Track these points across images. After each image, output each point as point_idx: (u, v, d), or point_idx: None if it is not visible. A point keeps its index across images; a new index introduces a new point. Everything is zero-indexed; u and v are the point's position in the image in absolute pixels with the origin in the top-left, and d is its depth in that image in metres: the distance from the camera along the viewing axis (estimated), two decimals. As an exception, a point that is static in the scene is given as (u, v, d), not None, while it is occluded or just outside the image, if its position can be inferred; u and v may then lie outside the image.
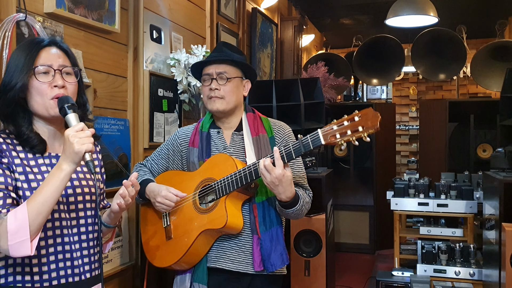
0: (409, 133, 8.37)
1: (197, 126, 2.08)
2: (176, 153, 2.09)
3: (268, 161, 1.73)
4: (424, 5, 4.58)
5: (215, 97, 1.97)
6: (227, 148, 2.00)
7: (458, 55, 5.49)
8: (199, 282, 1.92)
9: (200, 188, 1.94)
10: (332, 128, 1.66)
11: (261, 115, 2.09)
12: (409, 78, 8.41)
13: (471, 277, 3.50)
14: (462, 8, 6.10)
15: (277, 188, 1.77)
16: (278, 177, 1.73)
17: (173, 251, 1.95)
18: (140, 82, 2.62)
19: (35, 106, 1.45)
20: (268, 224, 1.91)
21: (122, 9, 2.47)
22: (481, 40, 7.04)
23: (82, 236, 1.52)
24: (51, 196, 1.34)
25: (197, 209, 1.92)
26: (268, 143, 1.98)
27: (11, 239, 1.29)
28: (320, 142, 1.67)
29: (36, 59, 1.43)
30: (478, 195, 3.83)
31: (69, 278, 1.46)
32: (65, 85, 1.46)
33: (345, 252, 5.59)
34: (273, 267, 1.89)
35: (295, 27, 5.41)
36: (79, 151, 1.34)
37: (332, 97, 5.02)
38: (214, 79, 1.98)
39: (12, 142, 1.43)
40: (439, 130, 5.30)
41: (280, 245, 1.92)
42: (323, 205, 3.39)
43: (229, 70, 1.99)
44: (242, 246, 1.92)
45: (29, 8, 1.87)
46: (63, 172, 1.35)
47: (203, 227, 1.87)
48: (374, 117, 1.62)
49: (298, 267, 3.27)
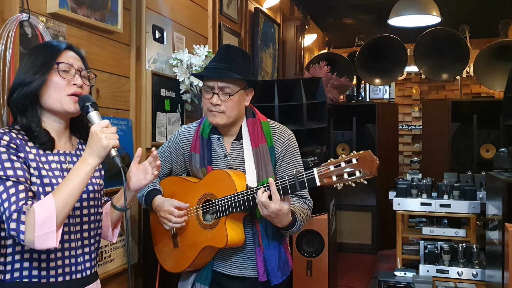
0: (412, 133, 8.36)
1: (198, 129, 2.04)
2: (179, 156, 2.08)
3: (265, 197, 1.71)
4: (427, 4, 4.57)
5: (216, 111, 1.90)
6: (227, 157, 1.97)
7: (461, 54, 5.48)
8: (201, 283, 1.95)
9: (202, 202, 1.94)
10: (329, 169, 1.65)
11: (261, 119, 2.03)
12: (411, 78, 8.39)
13: (474, 278, 3.49)
14: (465, 7, 6.08)
15: (273, 220, 1.77)
16: (275, 212, 1.72)
17: (179, 260, 1.99)
18: (143, 82, 2.62)
19: (49, 101, 1.47)
20: (271, 237, 1.92)
21: (125, 9, 2.47)
22: (484, 39, 7.02)
23: (85, 234, 1.53)
24: (77, 188, 1.37)
25: (200, 224, 1.94)
26: (268, 153, 1.94)
27: (39, 230, 1.30)
28: (315, 184, 1.67)
29: (58, 57, 1.48)
30: (481, 195, 3.82)
31: (73, 275, 1.48)
32: (83, 86, 1.50)
33: (347, 252, 5.59)
34: (277, 279, 1.91)
35: (297, 27, 5.41)
36: (107, 145, 1.38)
37: (334, 97, 5.02)
38: (215, 94, 1.89)
39: (23, 138, 1.44)
40: (442, 130, 5.29)
41: (282, 258, 1.94)
42: (325, 205, 3.39)
43: (232, 84, 1.90)
44: (247, 253, 1.95)
45: (32, 8, 1.87)
46: (89, 165, 1.39)
47: (205, 242, 1.90)
48: (371, 163, 1.59)
49: (300, 267, 3.27)
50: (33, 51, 1.52)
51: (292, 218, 1.81)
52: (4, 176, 1.34)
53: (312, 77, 4.42)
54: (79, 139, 1.62)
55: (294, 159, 1.99)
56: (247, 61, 2.00)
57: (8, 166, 1.35)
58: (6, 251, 1.42)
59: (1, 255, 1.43)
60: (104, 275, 2.25)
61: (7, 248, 1.42)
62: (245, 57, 2.00)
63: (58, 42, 1.56)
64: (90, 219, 1.55)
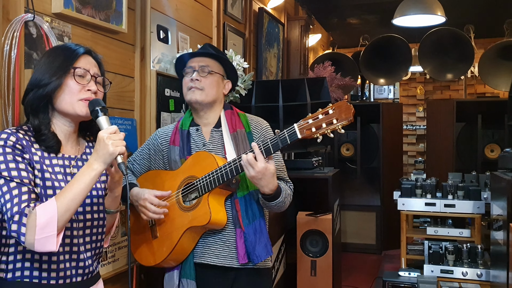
0: (416, 133, 8.34)
1: (177, 125, 2.10)
2: (157, 153, 2.11)
3: (251, 156, 1.76)
4: (431, 4, 4.55)
5: (194, 87, 1.99)
6: (206, 145, 2.02)
7: (466, 54, 5.46)
8: (187, 278, 1.95)
9: (182, 186, 1.95)
10: (307, 122, 1.72)
11: (238, 111, 2.12)
12: (416, 78, 8.37)
13: (478, 278, 3.48)
14: (470, 7, 6.06)
15: (260, 181, 1.80)
16: (261, 171, 1.76)
17: (159, 250, 1.97)
18: (147, 82, 2.63)
19: (62, 104, 1.48)
20: (251, 217, 1.94)
21: (129, 9, 2.48)
22: (489, 39, 6.99)
23: (87, 238, 1.53)
24: (80, 194, 1.36)
25: (180, 207, 1.94)
26: (246, 138, 2.01)
27: (39, 233, 1.30)
28: (296, 136, 1.73)
29: (76, 61, 1.48)
30: (485, 195, 3.81)
31: (73, 278, 1.48)
32: (97, 92, 1.51)
33: (352, 252, 5.59)
34: (258, 258, 1.92)
35: (301, 26, 5.40)
36: (113, 152, 1.38)
37: (339, 96, 5.01)
38: (196, 71, 2.01)
39: (30, 139, 1.45)
40: (447, 130, 5.28)
41: (263, 236, 1.95)
42: (329, 205, 3.39)
43: (212, 64, 2.04)
44: (226, 241, 1.95)
45: (37, 9, 1.88)
46: (94, 171, 1.38)
47: (187, 224, 1.90)
48: (347, 110, 1.67)
49: (304, 267, 3.27)
50: (51, 53, 1.52)
51: (278, 187, 1.86)
52: (8, 177, 1.34)
53: (317, 77, 4.42)
54: (88, 143, 1.62)
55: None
56: (227, 58, 2.14)
57: (13, 167, 1.36)
58: (9, 250, 1.43)
59: (3, 254, 1.43)
60: (108, 275, 2.25)
61: (9, 247, 1.43)
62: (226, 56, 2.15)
63: (76, 45, 1.55)
64: (94, 224, 1.55)
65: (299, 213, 3.35)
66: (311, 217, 3.29)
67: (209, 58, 2.05)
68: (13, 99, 1.73)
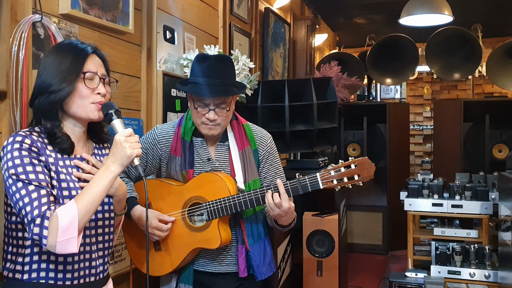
0: (423, 133, 8.30)
1: (178, 132, 1.99)
2: (155, 157, 2.03)
3: (278, 199, 1.80)
4: (438, 3, 4.53)
5: (212, 125, 1.90)
6: (212, 161, 1.98)
7: (473, 54, 5.43)
8: (185, 283, 1.97)
9: (189, 205, 1.94)
10: (330, 174, 1.80)
11: (243, 122, 2.05)
12: (423, 78, 8.33)
13: (486, 279, 3.45)
14: (477, 6, 6.02)
15: (282, 218, 1.87)
16: (285, 210, 1.81)
17: (162, 264, 1.97)
18: (154, 82, 2.63)
19: (74, 108, 1.48)
20: (256, 237, 1.98)
21: (136, 9, 2.48)
22: (497, 39, 6.95)
23: (100, 238, 1.54)
24: (99, 195, 1.38)
25: (187, 226, 1.94)
26: (252, 156, 2.00)
27: (61, 235, 1.31)
28: (318, 186, 1.81)
29: (84, 64, 1.48)
30: (493, 196, 3.78)
31: (87, 278, 1.49)
32: (106, 94, 1.52)
33: (358, 252, 5.57)
34: (262, 275, 1.97)
35: (308, 26, 5.39)
36: (131, 155, 1.41)
37: (345, 96, 5.01)
38: (212, 110, 1.87)
39: (44, 141, 1.45)
40: (454, 130, 5.25)
41: (268, 256, 2.00)
42: (336, 206, 3.39)
43: (227, 98, 1.89)
44: (229, 250, 1.99)
45: (45, 10, 1.89)
46: (112, 173, 1.41)
47: (195, 244, 1.92)
48: (370, 167, 1.77)
49: (310, 268, 3.27)
50: (58, 53, 1.49)
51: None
52: (26, 180, 1.35)
53: (323, 77, 4.41)
54: (96, 144, 1.63)
55: (276, 160, 2.09)
56: (232, 67, 1.97)
57: (30, 170, 1.36)
58: (25, 252, 1.44)
59: (20, 255, 1.44)
60: (114, 275, 2.26)
61: (25, 248, 1.44)
62: (230, 64, 1.95)
63: (83, 44, 1.53)
64: (105, 223, 1.56)
65: (305, 213, 3.35)
66: (317, 217, 3.29)
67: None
68: (21, 100, 1.74)
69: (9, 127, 1.73)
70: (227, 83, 1.88)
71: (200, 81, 1.87)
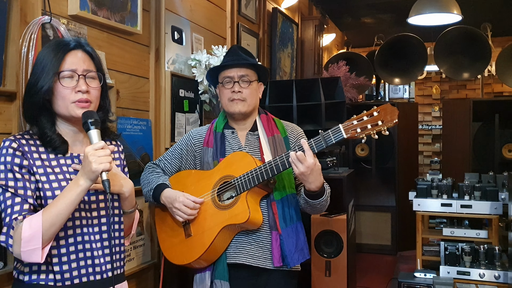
0: (432, 133, 8.25)
1: (211, 127, 2.13)
2: (190, 153, 2.13)
3: (300, 152, 1.77)
4: (447, 2, 4.50)
5: (237, 99, 2.01)
6: (242, 148, 2.04)
7: (483, 53, 5.39)
8: (220, 279, 1.94)
9: (218, 185, 1.96)
10: (352, 123, 1.74)
11: (273, 117, 2.15)
12: (432, 77, 8.29)
13: (496, 280, 3.43)
14: (486, 5, 5.98)
15: (309, 177, 1.81)
16: (310, 166, 1.77)
17: (193, 248, 1.97)
18: (162, 83, 2.64)
19: (58, 108, 1.48)
20: (288, 220, 1.94)
21: (144, 10, 2.49)
22: (507, 38, 6.90)
23: (104, 235, 1.53)
24: (66, 209, 1.38)
25: (216, 206, 1.94)
26: (283, 143, 2.04)
27: (24, 246, 1.34)
28: (342, 136, 1.75)
29: (61, 63, 1.45)
30: (503, 196, 3.75)
31: (91, 277, 1.49)
32: (88, 90, 1.48)
33: (367, 253, 5.55)
34: (294, 262, 1.92)
35: (315, 26, 5.39)
36: (96, 170, 1.36)
37: (353, 96, 4.99)
38: (236, 82, 2.02)
39: (35, 143, 1.46)
40: (463, 129, 5.21)
41: (300, 240, 1.96)
42: (344, 206, 3.37)
43: (250, 73, 2.05)
44: (260, 242, 1.95)
45: (54, 11, 1.90)
46: (80, 187, 1.38)
47: (224, 222, 1.90)
48: (392, 112, 1.72)
49: (319, 268, 3.26)
50: (42, 53, 1.49)
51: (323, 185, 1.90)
52: (4, 186, 1.39)
53: (331, 76, 4.40)
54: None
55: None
56: (252, 55, 2.16)
57: (10, 176, 1.40)
58: None
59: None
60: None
61: None
62: (254, 57, 2.15)
63: (68, 40, 1.52)
64: (108, 221, 1.55)
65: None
66: (325, 218, 3.28)
67: (246, 67, 2.05)
68: (31, 100, 1.75)
69: (18, 128, 1.74)
70: (248, 59, 2.06)
71: (224, 62, 2.09)
